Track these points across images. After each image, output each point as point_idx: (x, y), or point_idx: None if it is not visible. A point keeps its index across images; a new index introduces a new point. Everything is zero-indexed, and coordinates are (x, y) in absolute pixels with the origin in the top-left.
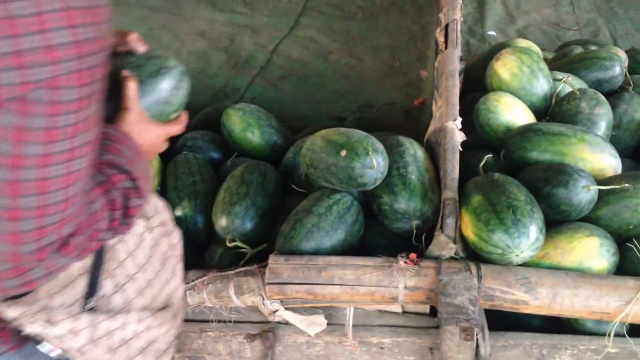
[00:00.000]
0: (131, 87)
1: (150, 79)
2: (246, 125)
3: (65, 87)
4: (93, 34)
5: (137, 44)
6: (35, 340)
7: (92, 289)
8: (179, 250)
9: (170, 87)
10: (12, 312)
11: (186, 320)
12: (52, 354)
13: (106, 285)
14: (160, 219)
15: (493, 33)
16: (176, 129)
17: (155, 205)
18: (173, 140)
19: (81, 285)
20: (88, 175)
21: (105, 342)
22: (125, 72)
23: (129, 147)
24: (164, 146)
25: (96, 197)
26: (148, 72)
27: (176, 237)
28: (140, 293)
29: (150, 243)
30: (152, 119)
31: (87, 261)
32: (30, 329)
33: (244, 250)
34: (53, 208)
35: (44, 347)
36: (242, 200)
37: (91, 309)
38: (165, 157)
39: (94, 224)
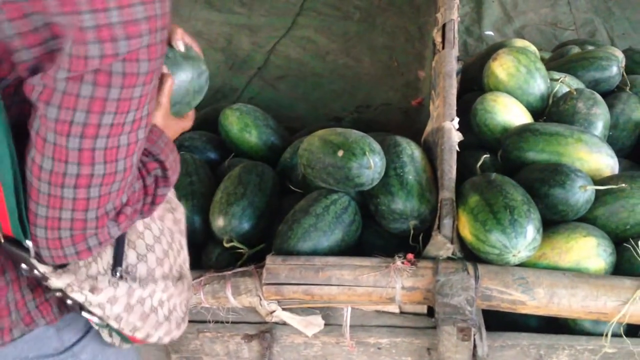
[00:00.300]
0: (168, 84)
1: (182, 79)
2: (243, 126)
3: (141, 60)
4: (161, 10)
5: (179, 42)
6: (70, 311)
7: (118, 258)
8: (182, 225)
9: (195, 91)
10: (62, 281)
11: None
12: (94, 319)
13: (130, 255)
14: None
15: (490, 33)
16: (188, 125)
17: None
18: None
19: (109, 254)
20: (143, 147)
21: (138, 310)
22: (166, 69)
23: (161, 138)
24: None
25: (136, 179)
26: (182, 72)
27: (180, 212)
28: (159, 263)
29: (158, 218)
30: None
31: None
32: (76, 297)
33: (241, 250)
34: (118, 176)
35: (85, 315)
36: (240, 200)
37: (121, 278)
38: None
39: (135, 204)
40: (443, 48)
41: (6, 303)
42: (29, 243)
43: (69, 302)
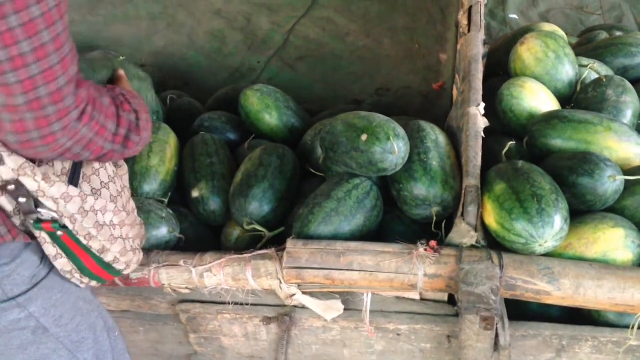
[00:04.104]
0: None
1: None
2: (264, 107)
3: None
4: None
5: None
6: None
7: (74, 182)
8: (126, 182)
9: None
10: (14, 161)
11: (203, 302)
12: (49, 217)
13: (85, 188)
14: None
15: (515, 16)
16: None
17: None
18: (190, 120)
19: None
20: (74, 53)
21: (92, 217)
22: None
23: (137, 99)
24: None
25: (107, 98)
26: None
27: (124, 170)
28: (113, 200)
29: (112, 167)
30: None
31: (67, 166)
32: (29, 183)
33: (260, 233)
34: (65, 90)
35: (43, 214)
36: (260, 183)
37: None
38: (183, 138)
39: (106, 119)
40: (469, 31)
41: None
42: None
43: (21, 199)
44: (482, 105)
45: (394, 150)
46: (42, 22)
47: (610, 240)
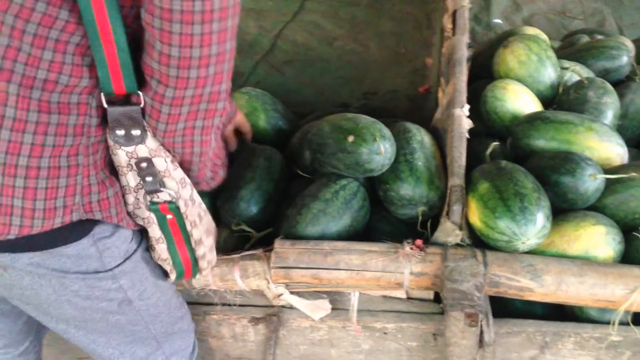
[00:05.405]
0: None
1: None
2: (252, 110)
3: None
4: None
5: None
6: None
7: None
8: None
9: None
10: (154, 142)
11: (190, 303)
12: (169, 197)
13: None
14: None
15: (499, 21)
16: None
17: None
18: None
19: None
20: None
21: (196, 206)
22: None
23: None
24: None
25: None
26: None
27: None
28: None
29: None
30: None
31: None
32: (159, 162)
33: (248, 233)
34: (230, 54)
35: (161, 195)
36: (248, 184)
37: None
38: None
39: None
40: (453, 34)
41: (74, 184)
42: (140, 93)
43: (148, 178)
44: (467, 106)
45: (380, 151)
46: None
47: (591, 237)
